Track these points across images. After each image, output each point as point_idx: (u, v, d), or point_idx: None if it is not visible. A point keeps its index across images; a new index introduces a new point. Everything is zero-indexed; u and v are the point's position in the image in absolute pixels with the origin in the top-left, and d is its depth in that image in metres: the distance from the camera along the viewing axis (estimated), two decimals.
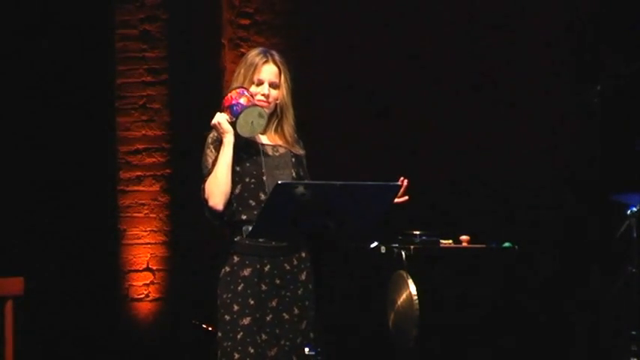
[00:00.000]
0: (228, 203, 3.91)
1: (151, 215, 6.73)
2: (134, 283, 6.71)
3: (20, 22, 6.66)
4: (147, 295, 6.71)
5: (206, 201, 3.91)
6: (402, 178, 3.86)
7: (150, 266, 6.71)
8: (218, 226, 3.96)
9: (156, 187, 6.75)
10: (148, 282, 6.71)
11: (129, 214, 6.74)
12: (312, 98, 6.69)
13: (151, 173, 6.76)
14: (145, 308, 6.70)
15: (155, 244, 6.72)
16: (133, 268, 6.71)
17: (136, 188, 6.76)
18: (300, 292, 3.97)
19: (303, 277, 3.98)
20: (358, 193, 3.54)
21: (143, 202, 6.74)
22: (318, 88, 6.74)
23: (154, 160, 6.76)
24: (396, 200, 3.82)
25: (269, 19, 6.90)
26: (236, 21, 6.90)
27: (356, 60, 6.78)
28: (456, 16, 6.78)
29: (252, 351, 3.86)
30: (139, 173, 6.76)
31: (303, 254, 4.00)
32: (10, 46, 6.62)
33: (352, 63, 6.78)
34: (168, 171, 6.73)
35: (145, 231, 6.72)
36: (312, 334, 3.96)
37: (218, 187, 3.87)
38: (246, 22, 6.90)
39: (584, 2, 6.73)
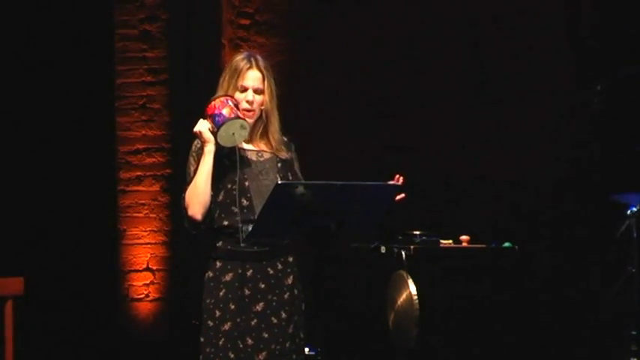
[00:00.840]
0: (210, 210, 3.89)
1: (151, 215, 6.73)
2: (134, 283, 6.71)
3: (20, 22, 6.66)
4: (147, 295, 6.71)
5: (185, 210, 3.90)
6: (397, 176, 3.86)
7: (150, 266, 6.71)
8: (196, 236, 3.95)
9: (156, 187, 6.75)
10: (148, 282, 6.71)
11: (129, 214, 6.74)
12: (312, 98, 6.69)
13: (151, 173, 6.76)
14: (145, 308, 6.70)
15: (155, 244, 6.72)
16: (133, 268, 6.71)
17: (136, 188, 6.76)
18: (286, 296, 3.94)
19: (289, 281, 3.96)
20: (358, 193, 3.54)
21: (143, 202, 6.74)
22: (317, 88, 6.74)
23: (154, 160, 6.76)
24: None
25: (269, 19, 6.90)
26: (236, 21, 6.90)
27: (356, 60, 6.78)
28: (456, 16, 6.78)
29: (232, 356, 3.84)
30: (139, 173, 6.76)
31: (290, 259, 3.98)
32: (11, 46, 6.62)
33: (352, 63, 6.78)
34: (168, 171, 6.73)
35: (145, 231, 6.72)
36: (297, 340, 3.95)
37: (197, 197, 3.87)
38: (246, 22, 6.90)
39: (585, 2, 6.73)
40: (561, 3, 6.76)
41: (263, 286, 3.91)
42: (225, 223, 3.89)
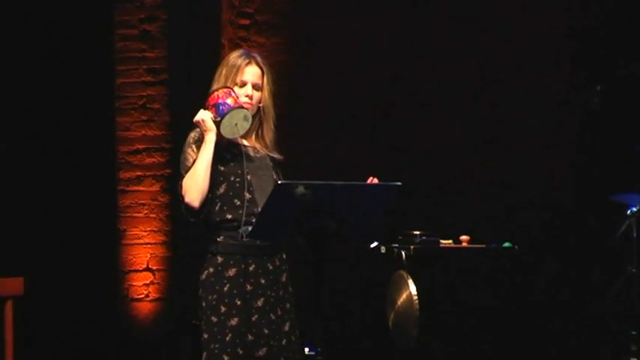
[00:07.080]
0: (211, 202, 3.89)
1: (151, 215, 6.73)
2: (134, 283, 6.71)
3: (20, 23, 6.66)
4: (147, 295, 6.71)
5: (182, 197, 3.90)
6: (371, 178, 3.83)
7: (150, 266, 6.71)
8: (193, 223, 3.94)
9: (156, 187, 6.75)
10: (148, 282, 6.71)
11: (129, 214, 6.74)
12: (312, 98, 6.70)
13: (151, 173, 6.76)
14: (145, 308, 6.70)
15: (155, 244, 6.72)
16: (133, 268, 6.71)
17: (136, 188, 6.76)
18: (281, 293, 3.95)
19: (284, 278, 3.98)
20: (358, 193, 3.54)
21: (143, 202, 6.74)
22: (317, 88, 6.75)
23: (154, 160, 6.76)
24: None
25: (269, 19, 6.91)
26: (236, 21, 6.90)
27: (356, 60, 6.78)
28: (456, 17, 6.78)
29: (240, 352, 3.83)
30: (139, 173, 6.76)
31: (284, 255, 4.00)
32: (10, 47, 6.63)
33: (352, 63, 6.78)
34: (168, 171, 6.73)
35: (145, 231, 6.73)
36: (293, 338, 3.96)
37: (196, 184, 3.86)
38: (246, 22, 6.91)
39: (585, 3, 6.73)
40: (562, 3, 6.76)
41: (263, 281, 3.91)
42: (229, 216, 3.89)
